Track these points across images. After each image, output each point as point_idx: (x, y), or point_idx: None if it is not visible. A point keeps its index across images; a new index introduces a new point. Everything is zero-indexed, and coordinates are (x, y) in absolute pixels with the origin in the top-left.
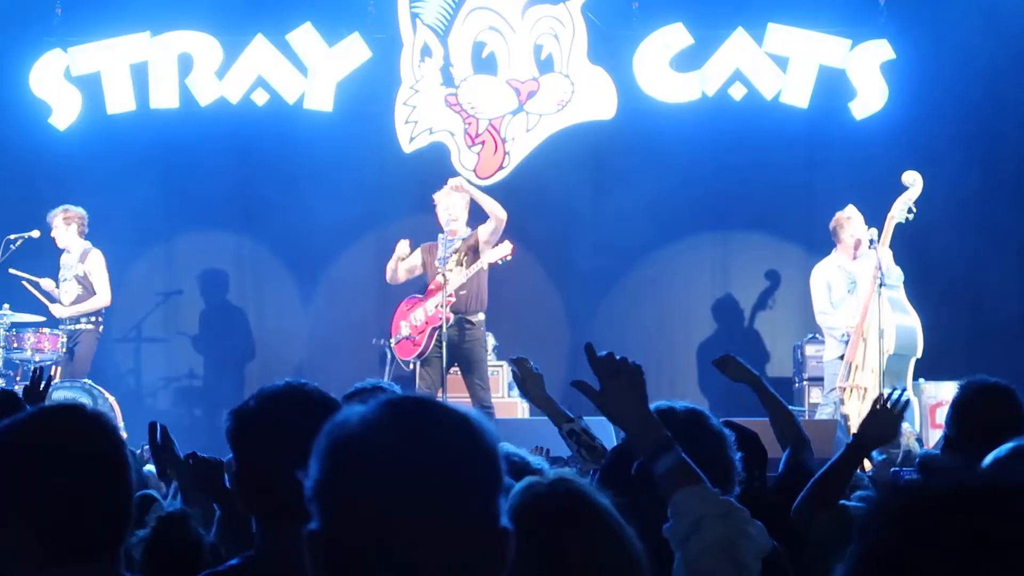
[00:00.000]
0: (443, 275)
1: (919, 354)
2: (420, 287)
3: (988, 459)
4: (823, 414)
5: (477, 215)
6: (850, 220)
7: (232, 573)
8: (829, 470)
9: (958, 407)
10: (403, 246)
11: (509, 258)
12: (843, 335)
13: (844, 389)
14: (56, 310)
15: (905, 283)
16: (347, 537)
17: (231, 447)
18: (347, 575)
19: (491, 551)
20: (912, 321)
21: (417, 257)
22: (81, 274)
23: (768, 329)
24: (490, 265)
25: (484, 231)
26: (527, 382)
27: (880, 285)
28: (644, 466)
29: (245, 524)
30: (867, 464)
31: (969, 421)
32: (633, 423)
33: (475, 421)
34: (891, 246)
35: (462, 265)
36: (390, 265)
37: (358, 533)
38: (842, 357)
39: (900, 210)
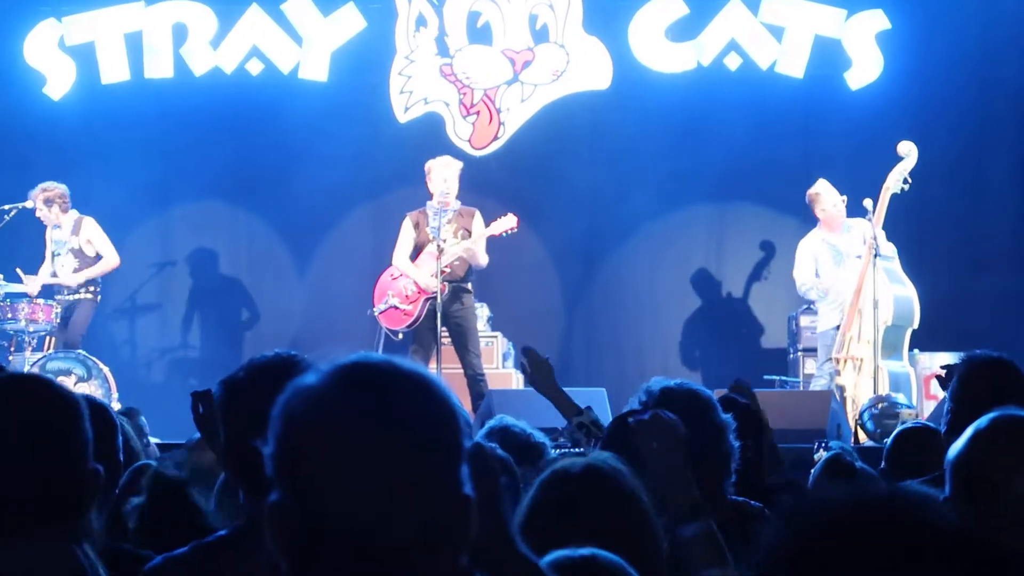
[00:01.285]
0: (438, 245)
1: (915, 325)
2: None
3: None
4: (817, 385)
5: (469, 185)
6: (819, 195)
7: (219, 543)
8: None
9: (964, 382)
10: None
11: (515, 231)
12: (822, 294)
13: (839, 360)
14: (67, 279)
15: (900, 254)
16: (305, 508)
17: (220, 418)
18: (307, 547)
19: (452, 519)
20: (909, 292)
21: (409, 227)
22: (77, 246)
23: (763, 300)
24: (490, 236)
25: (473, 245)
26: (536, 372)
27: (875, 256)
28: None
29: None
30: (862, 436)
31: (976, 395)
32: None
33: (432, 385)
34: (887, 216)
35: (457, 238)
36: (401, 259)
37: (316, 504)
38: (837, 328)
39: (895, 181)
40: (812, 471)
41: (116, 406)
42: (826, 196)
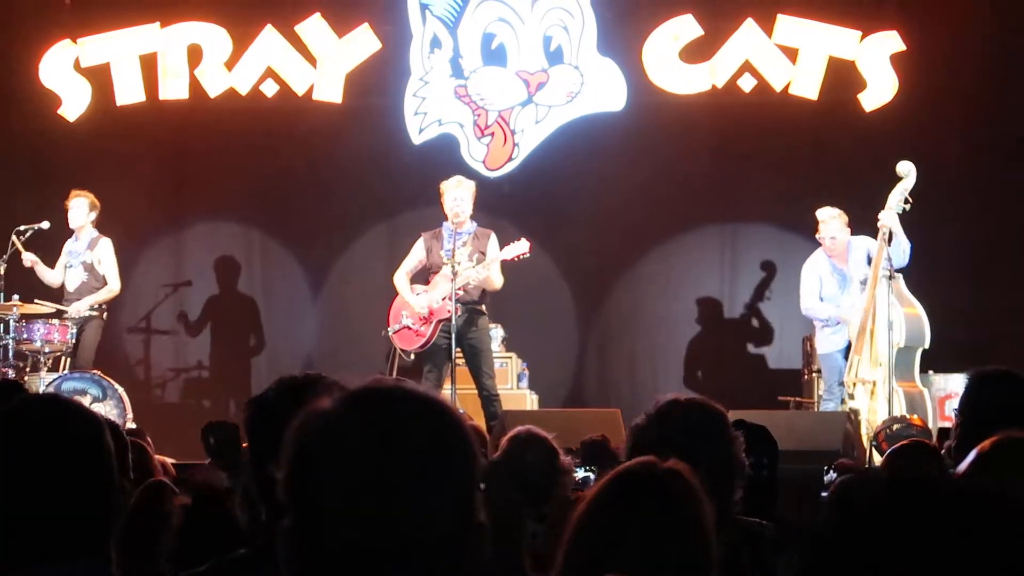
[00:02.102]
0: (452, 267)
1: (927, 345)
2: (421, 275)
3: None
4: (827, 408)
5: (483, 206)
6: (824, 223)
7: (239, 562)
8: None
9: (967, 394)
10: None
11: (527, 255)
12: (832, 320)
13: (854, 384)
14: (71, 308)
15: (907, 275)
16: (317, 533)
17: (247, 436)
18: (319, 572)
19: (464, 545)
20: (918, 311)
21: (420, 248)
22: (89, 261)
23: (777, 320)
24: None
25: (486, 272)
26: None
27: (888, 277)
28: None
29: None
30: (877, 457)
31: (983, 410)
32: None
33: (445, 410)
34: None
35: (472, 262)
36: (401, 277)
37: (327, 529)
38: (841, 351)
39: (897, 201)
40: (826, 495)
41: (131, 426)
42: (824, 227)
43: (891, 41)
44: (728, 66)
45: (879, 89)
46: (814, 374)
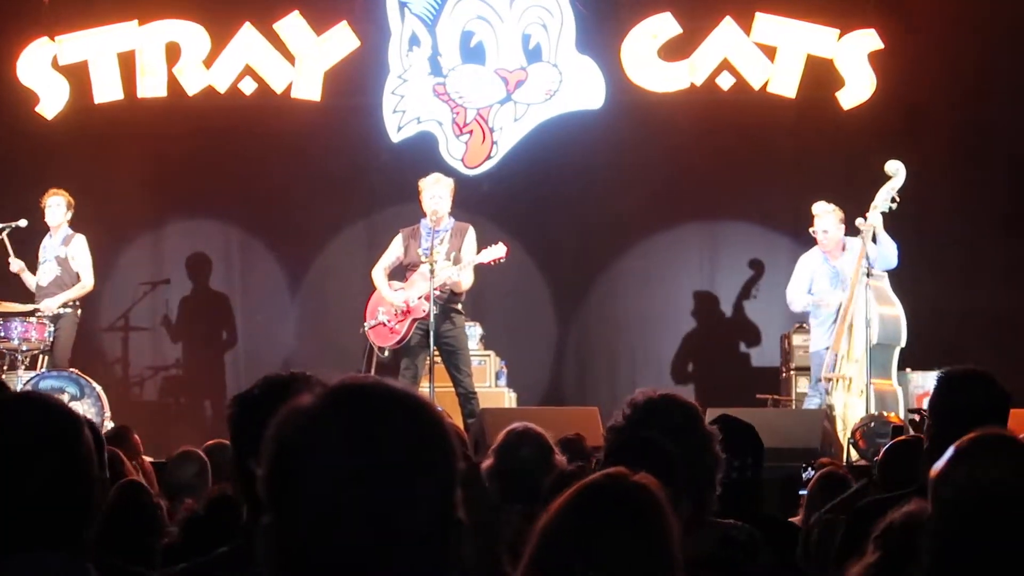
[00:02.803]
0: (431, 266)
1: (903, 343)
2: (399, 272)
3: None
4: (811, 405)
5: (462, 204)
6: (818, 217)
7: (219, 560)
8: None
9: (936, 393)
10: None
11: (502, 260)
12: (812, 308)
13: (830, 380)
14: (43, 304)
15: (890, 273)
16: (295, 532)
17: (231, 433)
18: (297, 571)
19: (442, 542)
20: (896, 311)
21: (399, 244)
22: (63, 255)
23: (756, 319)
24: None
25: (461, 272)
26: None
27: (866, 275)
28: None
29: None
30: (854, 454)
31: (947, 407)
32: None
33: (424, 407)
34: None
35: (449, 260)
36: (378, 273)
37: (306, 528)
38: (828, 348)
39: (883, 199)
40: (805, 490)
41: (109, 425)
42: (818, 220)
43: (869, 39)
44: (706, 64)
45: (857, 87)
46: (792, 372)
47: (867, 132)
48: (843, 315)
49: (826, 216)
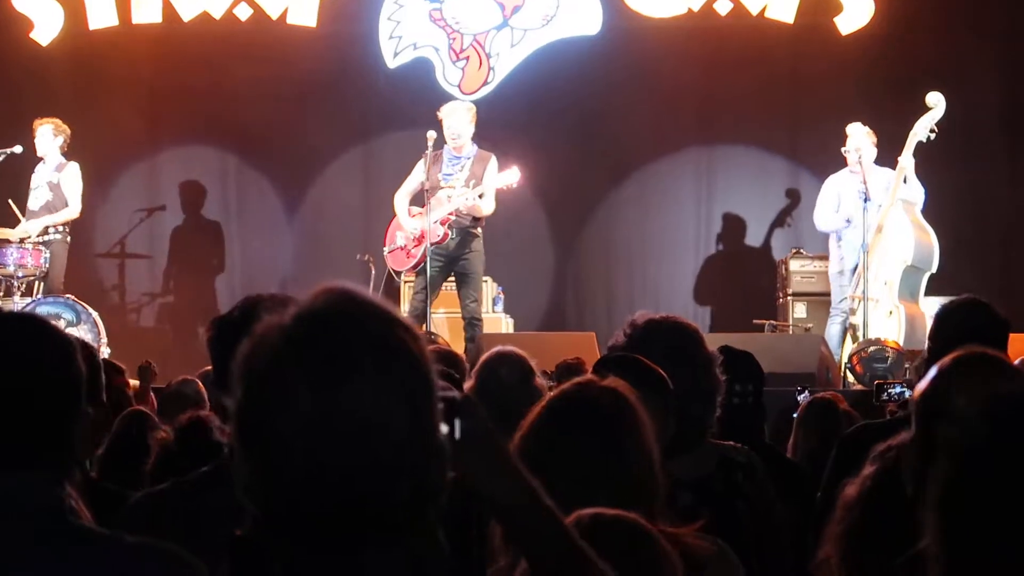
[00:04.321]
0: (446, 192)
1: (934, 269)
2: (420, 197)
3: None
4: (833, 325)
5: (482, 133)
6: (851, 137)
7: (200, 480)
8: None
9: (937, 320)
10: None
11: (514, 186)
12: (841, 230)
13: (854, 299)
14: (22, 227)
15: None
16: (265, 462)
17: (211, 356)
18: (275, 498)
19: (418, 467)
20: (931, 235)
21: (420, 170)
22: (55, 181)
23: (753, 244)
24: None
25: (478, 199)
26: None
27: (864, 201)
28: None
29: None
30: (851, 379)
31: (947, 333)
32: None
33: (402, 330)
34: (918, 164)
35: (468, 187)
36: (400, 198)
37: (275, 456)
38: (853, 270)
39: (923, 128)
40: (796, 414)
41: (106, 351)
42: (851, 139)
43: None
44: None
45: (855, 13)
46: (789, 297)
47: (865, 58)
48: (877, 231)
49: (859, 134)
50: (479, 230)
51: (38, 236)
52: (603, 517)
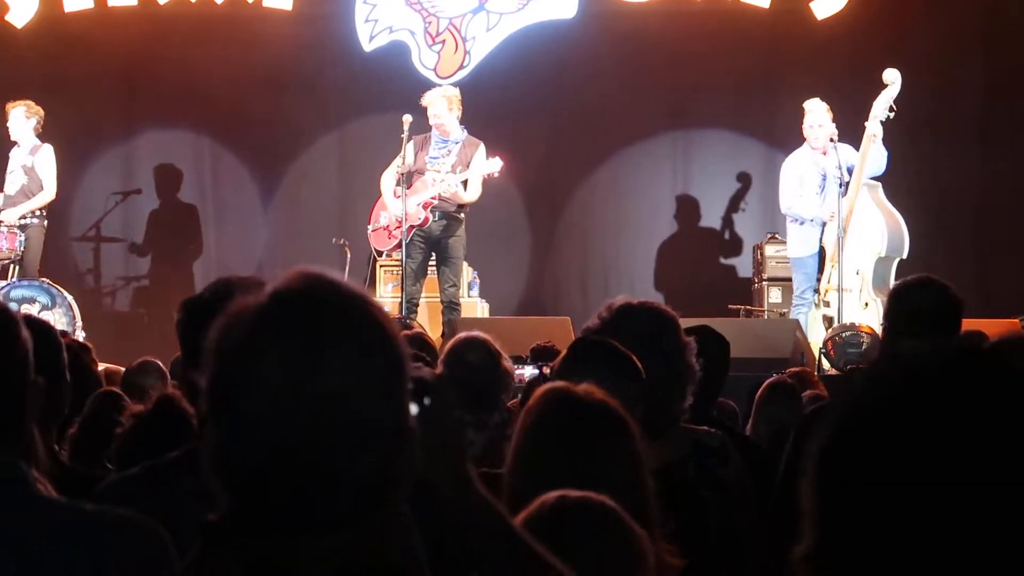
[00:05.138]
0: (431, 176)
1: (905, 255)
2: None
3: None
4: (798, 314)
5: (468, 118)
6: (809, 113)
7: (172, 464)
8: None
9: (891, 300)
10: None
11: (496, 175)
12: (816, 220)
13: (826, 291)
14: (3, 214)
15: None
16: (236, 442)
17: (179, 339)
18: (244, 480)
19: (394, 452)
20: (900, 222)
21: (410, 151)
22: (29, 164)
23: (728, 229)
24: None
25: (467, 183)
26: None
27: (840, 185)
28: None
29: None
30: (826, 364)
31: (900, 312)
32: None
33: (371, 307)
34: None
35: (454, 172)
36: (387, 178)
37: (246, 438)
38: (819, 255)
39: (882, 108)
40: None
41: (81, 335)
42: (810, 115)
43: None
44: None
45: None
46: (764, 282)
47: (840, 42)
48: (844, 223)
49: (819, 111)
50: (462, 215)
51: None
52: (569, 499)
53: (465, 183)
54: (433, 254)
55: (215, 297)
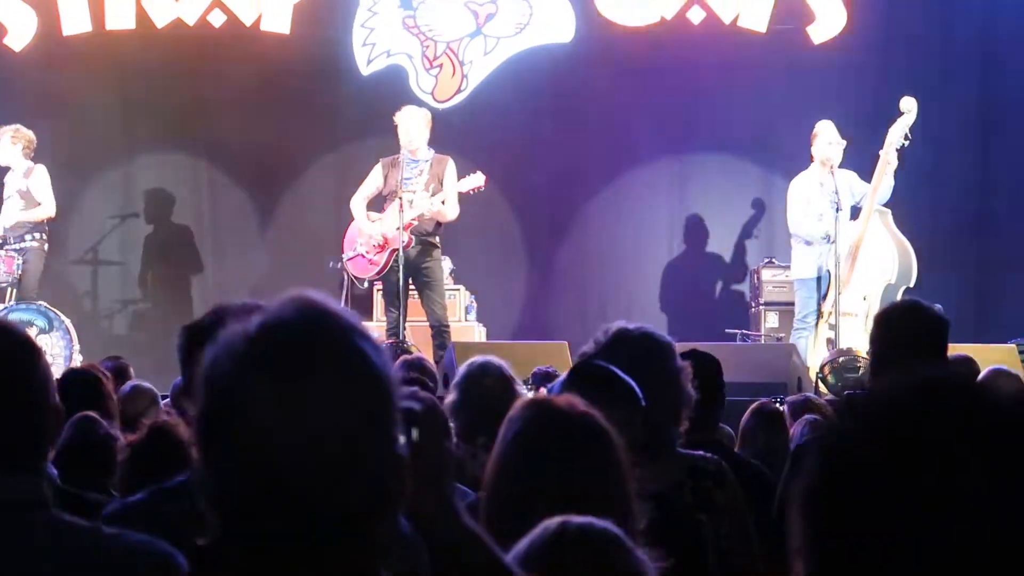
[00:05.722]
0: (401, 197)
1: (912, 283)
2: (377, 202)
3: None
4: (800, 338)
5: (432, 138)
6: (821, 132)
7: (177, 489)
8: None
9: (877, 325)
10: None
11: (481, 189)
12: (826, 239)
13: (829, 313)
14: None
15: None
16: (226, 471)
17: (180, 363)
18: (235, 510)
19: (383, 480)
20: (910, 249)
21: (378, 174)
22: (24, 188)
23: (725, 253)
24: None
25: (441, 207)
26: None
27: (836, 209)
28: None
29: None
30: (823, 389)
31: (887, 337)
32: None
33: (362, 341)
34: (897, 170)
35: (428, 191)
36: (357, 203)
37: (238, 467)
38: (817, 278)
39: (897, 136)
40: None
41: (78, 358)
42: (821, 135)
43: None
44: None
45: (828, 21)
46: (761, 307)
47: (837, 66)
48: (855, 248)
49: (831, 130)
50: (438, 239)
51: (15, 243)
52: (570, 525)
53: (443, 202)
54: (411, 278)
55: (214, 323)
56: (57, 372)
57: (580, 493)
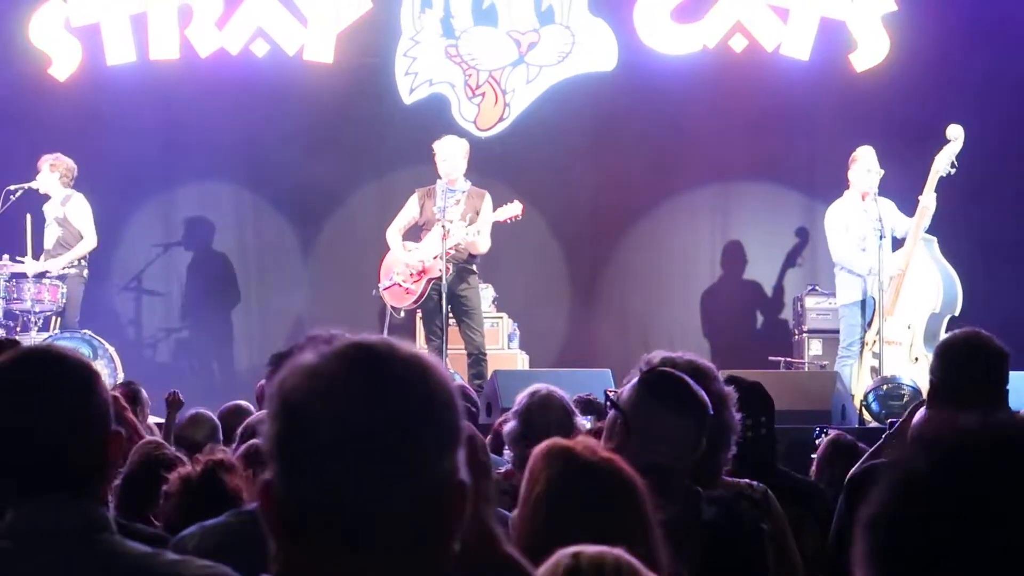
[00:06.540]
0: (444, 226)
1: (957, 312)
2: (413, 232)
3: None
4: (843, 367)
5: (475, 167)
6: (860, 159)
7: (229, 525)
8: None
9: (937, 356)
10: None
11: (519, 218)
12: (869, 270)
13: (873, 342)
14: (45, 265)
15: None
16: (296, 490)
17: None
18: (297, 529)
19: (445, 505)
20: (955, 277)
21: (414, 204)
22: (61, 216)
23: (768, 281)
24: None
25: (476, 237)
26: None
27: (880, 238)
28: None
29: None
30: (867, 417)
31: (947, 367)
32: None
33: (430, 368)
34: (938, 198)
35: (465, 221)
36: (393, 233)
37: (306, 486)
38: (860, 303)
39: (943, 164)
40: (816, 454)
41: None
42: (859, 161)
43: (882, 1)
44: (719, 26)
45: (870, 49)
46: (805, 334)
47: (880, 94)
48: (900, 278)
49: (870, 156)
50: (475, 266)
51: (56, 272)
52: (584, 556)
53: (479, 232)
54: (450, 306)
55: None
56: None
57: (608, 540)
